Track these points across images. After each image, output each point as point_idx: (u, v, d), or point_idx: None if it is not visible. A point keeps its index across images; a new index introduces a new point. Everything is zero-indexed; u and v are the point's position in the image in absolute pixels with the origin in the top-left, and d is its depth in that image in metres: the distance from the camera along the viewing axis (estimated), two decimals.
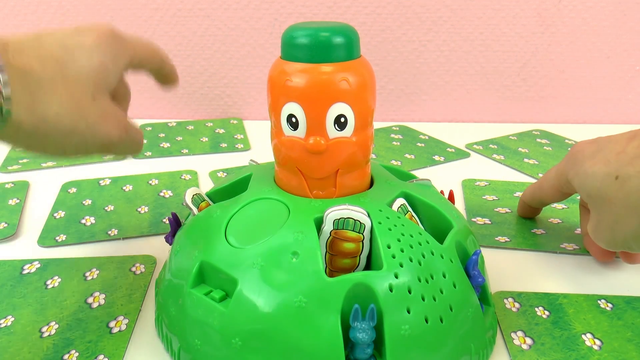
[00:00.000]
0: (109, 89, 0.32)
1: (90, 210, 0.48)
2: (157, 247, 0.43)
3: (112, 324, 0.34)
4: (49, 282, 0.38)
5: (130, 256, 0.41)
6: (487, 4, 0.67)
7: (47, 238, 0.44)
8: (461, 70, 0.71)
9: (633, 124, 0.73)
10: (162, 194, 0.52)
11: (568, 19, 0.68)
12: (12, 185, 0.53)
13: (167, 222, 0.45)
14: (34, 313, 0.35)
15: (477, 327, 0.30)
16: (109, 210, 0.49)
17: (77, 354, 0.32)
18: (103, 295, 0.37)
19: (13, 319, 0.35)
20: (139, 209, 0.49)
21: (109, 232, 0.45)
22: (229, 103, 0.74)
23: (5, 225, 0.46)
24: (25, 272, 0.39)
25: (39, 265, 0.40)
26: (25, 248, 0.43)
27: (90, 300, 0.36)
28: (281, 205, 0.32)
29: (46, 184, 0.54)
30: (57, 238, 0.44)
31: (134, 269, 0.40)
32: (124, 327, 0.34)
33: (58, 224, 0.46)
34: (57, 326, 0.34)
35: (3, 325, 0.34)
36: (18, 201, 0.50)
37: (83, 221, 0.47)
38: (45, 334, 0.33)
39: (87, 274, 0.39)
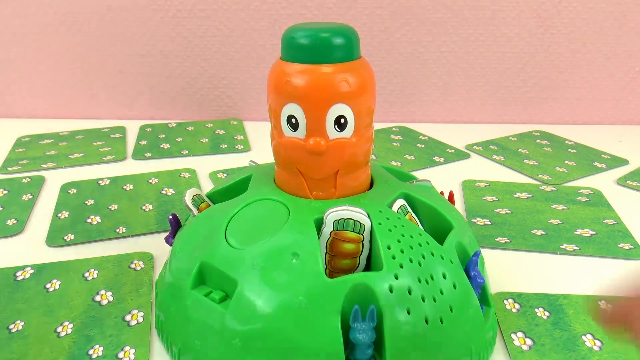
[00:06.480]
0: None
1: (94, 210, 0.49)
2: (152, 244, 0.43)
3: (127, 318, 0.35)
4: (48, 285, 0.38)
5: (126, 254, 0.41)
6: (486, 5, 0.67)
7: (55, 238, 0.44)
8: (461, 71, 0.71)
9: (633, 125, 0.73)
10: (164, 191, 0.52)
11: (568, 20, 0.68)
12: (10, 188, 0.53)
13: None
14: (43, 315, 0.35)
15: (477, 328, 0.30)
16: (113, 209, 0.49)
17: (101, 348, 0.32)
18: (110, 293, 0.37)
19: (23, 323, 0.35)
20: (144, 207, 0.49)
21: (117, 230, 0.45)
22: (229, 104, 0.74)
23: (15, 221, 0.46)
24: (19, 278, 0.39)
25: (32, 271, 0.40)
26: (27, 249, 0.43)
27: (98, 298, 0.37)
28: (281, 206, 0.32)
29: (45, 185, 0.54)
30: (65, 237, 0.44)
31: (133, 265, 0.40)
32: (141, 319, 0.35)
33: (64, 224, 0.46)
34: (71, 325, 0.34)
35: (14, 330, 0.34)
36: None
37: (89, 220, 0.47)
38: (62, 334, 0.34)
39: (86, 274, 0.39)
